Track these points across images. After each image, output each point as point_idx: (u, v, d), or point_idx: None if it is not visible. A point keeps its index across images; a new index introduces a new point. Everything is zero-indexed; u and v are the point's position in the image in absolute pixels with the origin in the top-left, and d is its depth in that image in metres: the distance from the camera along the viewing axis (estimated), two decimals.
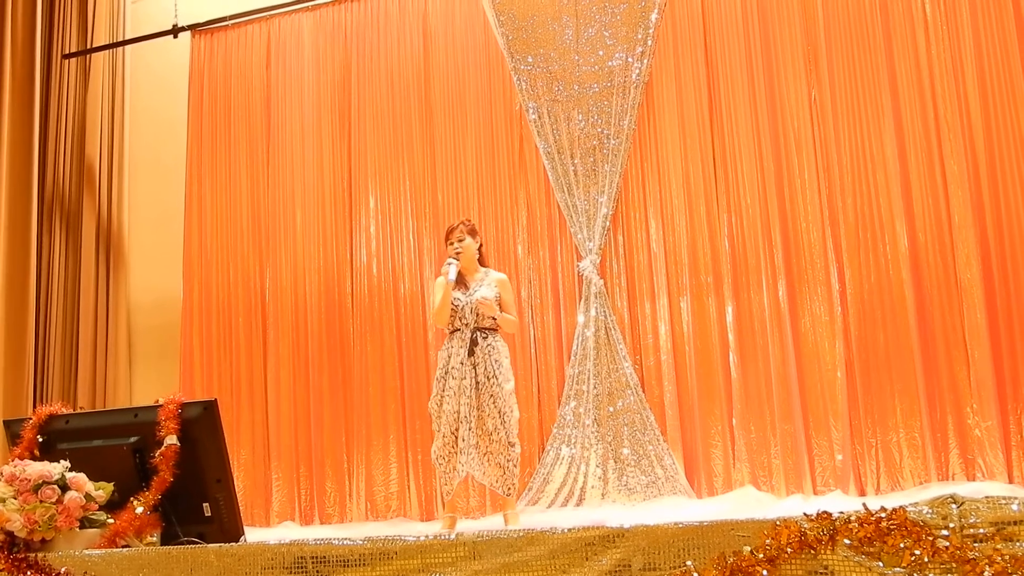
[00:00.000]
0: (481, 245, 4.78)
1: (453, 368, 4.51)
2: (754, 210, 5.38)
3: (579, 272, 5.59)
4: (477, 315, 4.55)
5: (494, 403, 4.46)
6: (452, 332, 4.60)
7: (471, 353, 4.50)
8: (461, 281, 4.63)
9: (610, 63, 5.71)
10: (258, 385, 6.21)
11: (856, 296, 5.13)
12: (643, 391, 5.42)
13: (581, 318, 5.53)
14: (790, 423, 5.12)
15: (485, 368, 4.49)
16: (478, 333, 4.55)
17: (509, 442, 4.46)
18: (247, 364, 6.25)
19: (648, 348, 5.49)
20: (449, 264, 4.59)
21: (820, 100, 5.35)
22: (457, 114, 6.06)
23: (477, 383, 4.48)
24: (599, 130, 5.68)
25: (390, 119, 6.19)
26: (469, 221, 4.84)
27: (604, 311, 5.50)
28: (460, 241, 4.65)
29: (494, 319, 4.58)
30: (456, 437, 4.43)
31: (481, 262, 4.75)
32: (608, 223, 5.59)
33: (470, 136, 6.00)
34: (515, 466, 4.49)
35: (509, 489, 4.49)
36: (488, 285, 4.61)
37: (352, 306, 6.09)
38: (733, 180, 5.45)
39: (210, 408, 2.74)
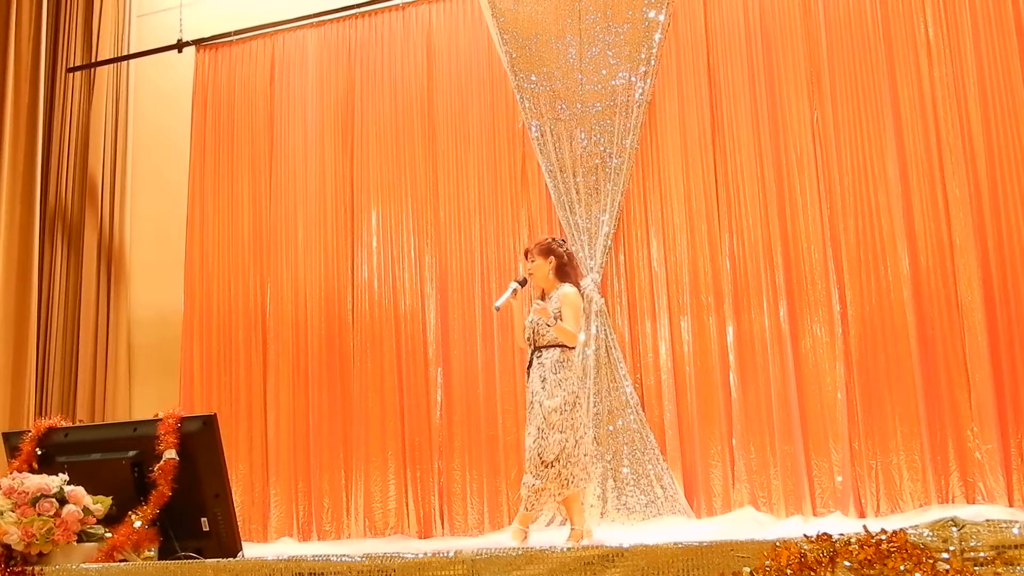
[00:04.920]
0: (561, 260, 4.65)
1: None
2: (755, 230, 5.38)
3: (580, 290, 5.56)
4: (535, 334, 4.52)
5: (533, 421, 4.42)
6: None
7: (528, 375, 4.52)
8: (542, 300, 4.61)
9: (613, 82, 5.73)
10: (257, 400, 6.20)
11: (857, 317, 5.12)
12: (643, 410, 5.41)
13: (582, 336, 5.44)
14: (790, 444, 5.11)
15: (533, 387, 4.48)
16: (536, 353, 4.52)
17: (542, 460, 4.34)
18: (247, 379, 6.25)
19: (648, 367, 5.49)
20: (510, 286, 4.55)
21: (822, 121, 5.37)
22: (460, 131, 6.08)
23: (530, 403, 4.48)
24: (601, 149, 5.69)
25: (393, 135, 6.21)
26: (548, 239, 4.79)
27: (605, 329, 5.49)
28: (532, 262, 4.63)
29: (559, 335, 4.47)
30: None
31: (563, 277, 4.63)
32: (609, 241, 5.60)
33: (472, 153, 6.02)
34: (548, 481, 4.33)
35: (530, 505, 4.40)
36: (552, 302, 4.54)
37: (353, 322, 6.10)
38: (735, 200, 5.47)
39: (209, 423, 2.72)
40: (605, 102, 5.73)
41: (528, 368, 4.52)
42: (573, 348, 4.55)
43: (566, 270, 4.65)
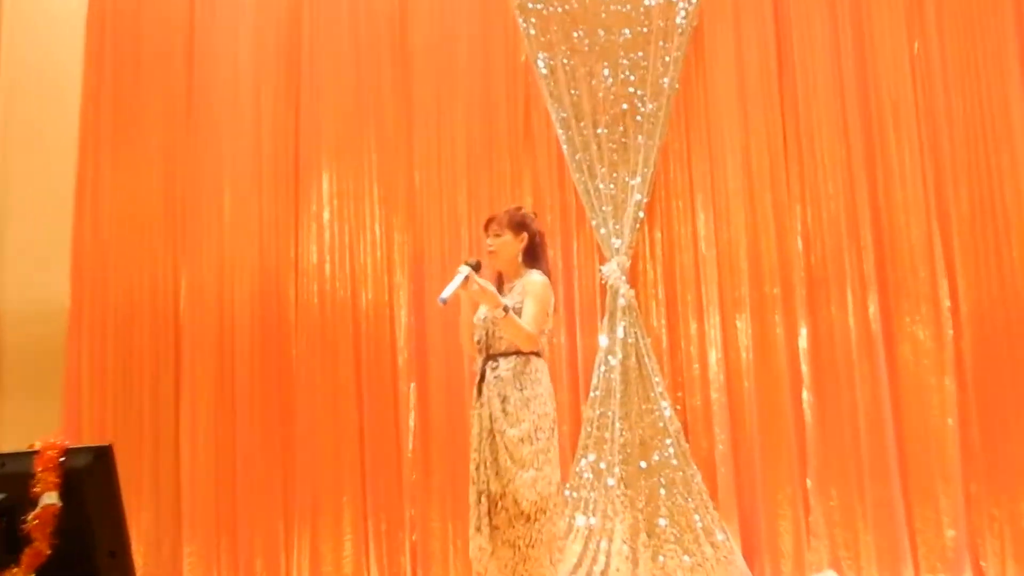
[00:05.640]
0: (535, 240, 4.48)
1: (471, 413, 4.38)
2: (837, 200, 5.48)
3: (602, 279, 5.59)
4: (489, 336, 4.33)
5: (496, 457, 4.22)
6: None
7: (479, 391, 4.31)
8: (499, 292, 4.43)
9: (647, 3, 5.80)
10: (167, 425, 6.10)
11: (973, 316, 5.22)
12: (687, 440, 5.41)
13: (604, 341, 5.51)
14: (884, 486, 5.16)
15: (490, 409, 4.25)
16: (489, 362, 4.33)
17: (521, 512, 4.14)
18: (152, 397, 6.14)
19: (694, 383, 5.54)
20: (459, 271, 4.29)
21: (925, 54, 5.43)
22: (443, 67, 6.10)
23: (486, 431, 4.24)
24: (631, 90, 5.73)
25: (353, 73, 6.18)
26: (519, 209, 4.63)
27: (635, 332, 5.52)
28: (497, 236, 4.43)
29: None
30: (473, 505, 4.26)
31: (532, 262, 4.45)
32: (642, 214, 5.64)
33: (459, 97, 6.05)
34: (532, 547, 4.12)
35: (518, 572, 4.17)
36: (515, 293, 4.38)
37: (296, 321, 6.06)
38: (809, 160, 5.56)
39: (103, 457, 2.72)
40: (636, 29, 5.77)
41: (479, 383, 4.33)
42: (539, 354, 4.37)
43: (537, 253, 4.52)
